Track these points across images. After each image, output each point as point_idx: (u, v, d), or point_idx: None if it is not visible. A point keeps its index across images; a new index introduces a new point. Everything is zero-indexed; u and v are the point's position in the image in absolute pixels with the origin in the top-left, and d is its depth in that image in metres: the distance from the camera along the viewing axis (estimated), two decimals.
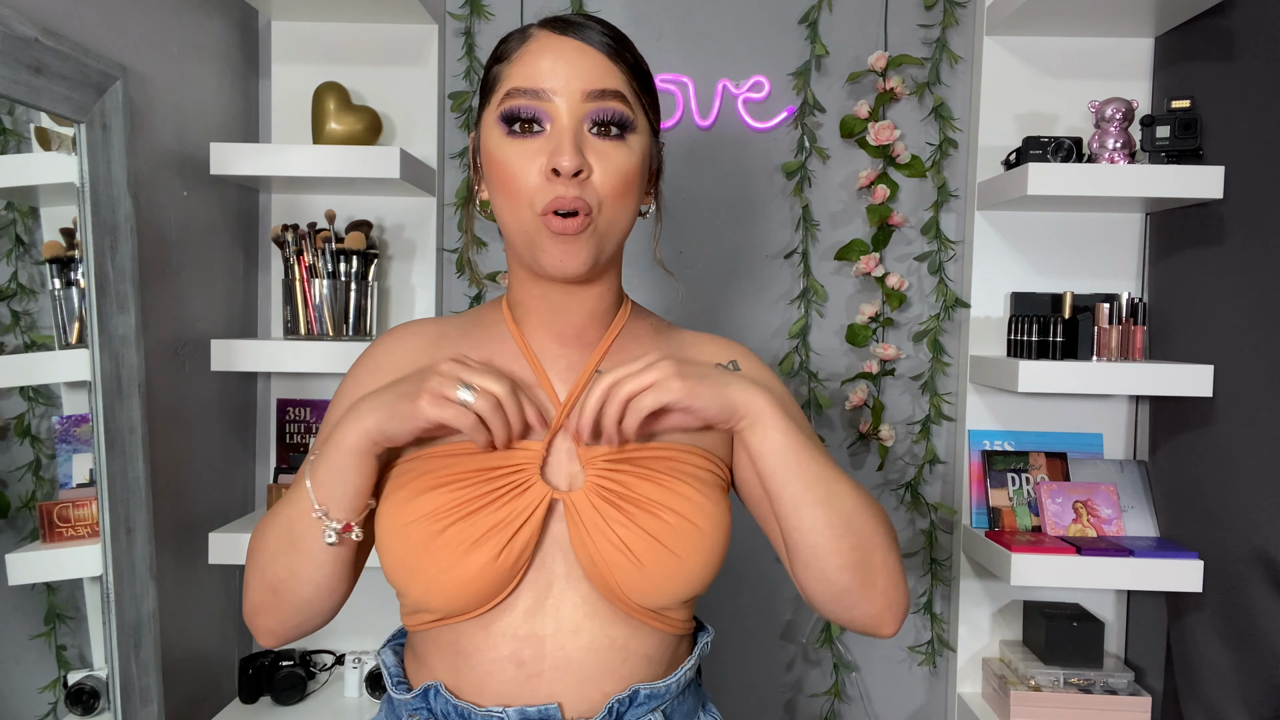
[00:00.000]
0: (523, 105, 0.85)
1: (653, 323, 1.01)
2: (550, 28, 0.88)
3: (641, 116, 0.89)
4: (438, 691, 0.89)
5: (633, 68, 0.88)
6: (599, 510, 0.85)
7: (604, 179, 0.86)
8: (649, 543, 0.84)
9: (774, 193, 1.81)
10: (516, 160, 0.85)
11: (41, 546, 1.21)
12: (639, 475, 0.86)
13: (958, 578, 1.76)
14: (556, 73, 0.85)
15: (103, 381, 1.24)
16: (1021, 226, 1.72)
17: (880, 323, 1.79)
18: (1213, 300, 1.51)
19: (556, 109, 0.85)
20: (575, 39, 0.86)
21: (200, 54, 1.55)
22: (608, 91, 0.85)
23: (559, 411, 0.90)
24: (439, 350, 0.95)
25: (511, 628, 0.86)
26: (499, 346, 0.95)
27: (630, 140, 0.87)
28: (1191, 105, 1.49)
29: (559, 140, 0.84)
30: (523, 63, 0.87)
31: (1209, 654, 1.49)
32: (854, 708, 1.84)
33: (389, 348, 0.97)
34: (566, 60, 0.85)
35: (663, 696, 0.90)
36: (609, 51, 0.87)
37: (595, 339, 0.95)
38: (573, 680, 0.86)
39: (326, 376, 1.76)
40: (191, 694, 1.57)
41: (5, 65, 1.05)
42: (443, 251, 1.81)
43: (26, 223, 1.21)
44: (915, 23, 1.78)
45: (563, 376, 0.93)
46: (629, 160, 0.87)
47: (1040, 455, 1.71)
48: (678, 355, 0.93)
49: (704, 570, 0.87)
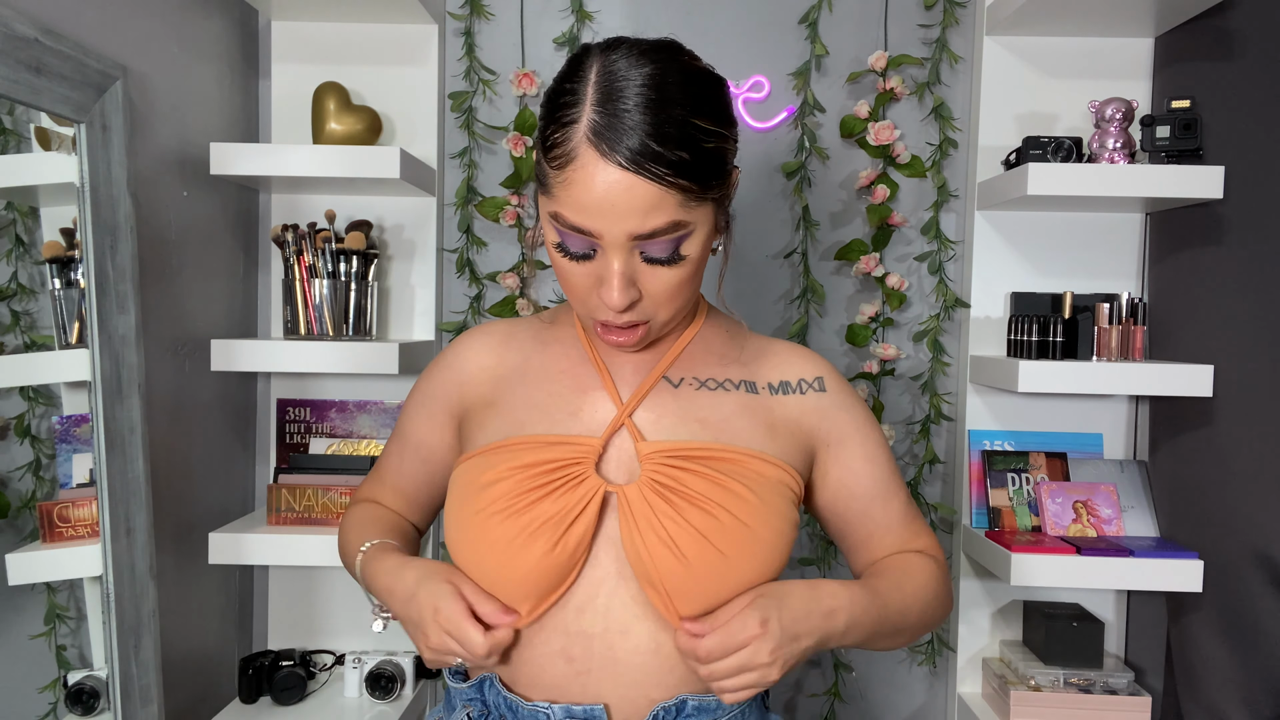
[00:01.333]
0: (570, 237, 0.83)
1: (728, 328, 1.02)
2: (595, 144, 0.78)
3: (704, 206, 0.83)
4: (492, 683, 0.90)
5: (691, 168, 0.79)
6: (650, 504, 0.85)
7: (656, 297, 0.85)
8: (695, 539, 0.84)
9: (774, 193, 1.81)
10: (570, 271, 0.86)
11: (41, 546, 1.21)
12: (696, 473, 0.87)
13: (958, 578, 1.76)
14: (603, 213, 0.79)
15: (103, 381, 1.24)
16: (1021, 226, 1.72)
17: (880, 323, 1.79)
18: (1213, 300, 1.51)
19: (605, 245, 0.82)
20: (620, 168, 0.77)
21: (200, 54, 1.55)
22: (658, 230, 0.80)
23: (619, 412, 0.91)
24: (508, 354, 0.99)
25: (563, 623, 0.87)
26: (568, 351, 0.97)
27: (687, 249, 0.83)
28: (1191, 105, 1.49)
29: (607, 274, 0.82)
30: (570, 190, 0.80)
31: (1209, 654, 1.49)
32: (853, 708, 1.84)
33: (462, 352, 1.01)
34: (612, 201, 0.78)
35: (713, 711, 0.89)
36: (659, 175, 0.78)
37: (667, 346, 0.96)
38: (620, 682, 0.87)
39: (326, 376, 1.76)
40: (191, 694, 1.57)
41: (5, 65, 1.05)
42: (443, 251, 1.81)
43: (26, 223, 1.21)
44: (915, 23, 1.78)
45: (628, 380, 0.94)
46: (684, 272, 0.85)
47: (1040, 455, 1.71)
48: (758, 395, 0.97)
49: (753, 574, 0.86)
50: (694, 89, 0.81)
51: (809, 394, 0.97)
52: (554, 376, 0.95)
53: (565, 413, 0.92)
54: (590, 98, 0.79)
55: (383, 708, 1.61)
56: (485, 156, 1.80)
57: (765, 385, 0.96)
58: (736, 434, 0.91)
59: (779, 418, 0.95)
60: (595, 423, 0.92)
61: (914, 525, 1.02)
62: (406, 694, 1.66)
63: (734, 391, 0.94)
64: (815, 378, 0.98)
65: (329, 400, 1.76)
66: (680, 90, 0.80)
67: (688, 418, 0.92)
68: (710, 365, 0.96)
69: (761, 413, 0.94)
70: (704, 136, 0.80)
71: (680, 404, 0.92)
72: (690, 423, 0.91)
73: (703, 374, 0.95)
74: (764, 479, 0.89)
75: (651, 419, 0.92)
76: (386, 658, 1.66)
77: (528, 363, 0.98)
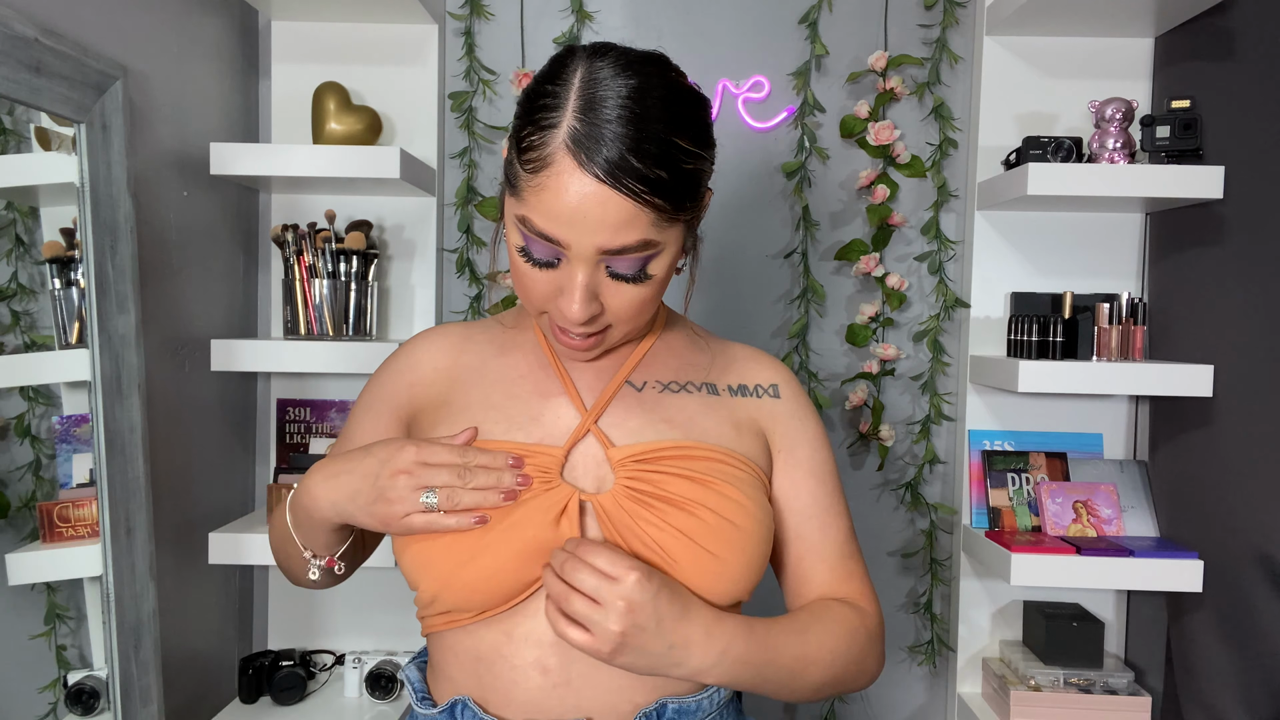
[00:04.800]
0: (536, 244, 0.80)
1: (690, 333, 1.00)
2: (573, 153, 0.76)
3: (675, 227, 0.81)
4: (465, 706, 0.86)
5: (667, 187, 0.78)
6: (628, 511, 0.83)
7: (617, 312, 0.83)
8: (684, 542, 0.82)
9: (774, 193, 1.81)
10: (529, 277, 0.83)
11: (41, 546, 1.21)
12: (673, 473, 0.85)
13: (957, 578, 1.76)
14: (574, 224, 0.77)
15: (103, 381, 1.24)
16: (1021, 226, 1.72)
17: (880, 323, 1.79)
18: (1213, 300, 1.51)
19: (571, 256, 0.79)
20: (596, 180, 0.75)
21: (200, 54, 1.55)
22: (628, 247, 0.78)
23: (583, 419, 0.89)
24: (464, 355, 0.95)
25: (535, 634, 0.84)
26: (525, 354, 0.94)
27: (653, 268, 0.82)
28: (1191, 105, 1.49)
29: (569, 285, 0.80)
30: (542, 195, 0.77)
31: (1209, 654, 1.49)
32: (854, 708, 1.84)
33: (414, 352, 0.97)
34: (584, 212, 0.76)
35: (693, 714, 0.87)
36: (634, 192, 0.76)
37: (628, 351, 0.94)
38: (601, 690, 0.84)
39: (326, 376, 1.76)
40: (191, 694, 1.57)
41: (5, 65, 1.05)
42: (443, 251, 1.81)
43: (26, 223, 1.21)
44: (915, 23, 1.78)
45: (590, 386, 0.92)
46: (647, 291, 0.83)
47: (1040, 455, 1.71)
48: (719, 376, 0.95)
49: (746, 572, 0.85)
50: (678, 108, 0.79)
51: (764, 399, 0.96)
52: (513, 380, 0.92)
53: (525, 416, 0.89)
54: (572, 104, 0.77)
55: (383, 708, 1.61)
56: (485, 156, 1.80)
57: (725, 387, 0.95)
58: (705, 432, 0.90)
59: (741, 417, 0.94)
60: (557, 429, 0.89)
61: (849, 565, 0.96)
62: (406, 694, 1.65)
63: (696, 393, 0.93)
64: (771, 384, 0.97)
65: (329, 400, 1.76)
66: (663, 108, 0.78)
67: (654, 418, 0.90)
68: (671, 368, 0.95)
69: (725, 411, 0.93)
70: (684, 157, 0.78)
71: (645, 406, 0.91)
72: (657, 423, 0.90)
73: (665, 377, 0.94)
74: (741, 474, 0.88)
75: (617, 423, 0.90)
76: (386, 658, 1.66)
77: (485, 365, 0.94)
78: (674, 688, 0.86)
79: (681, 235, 0.83)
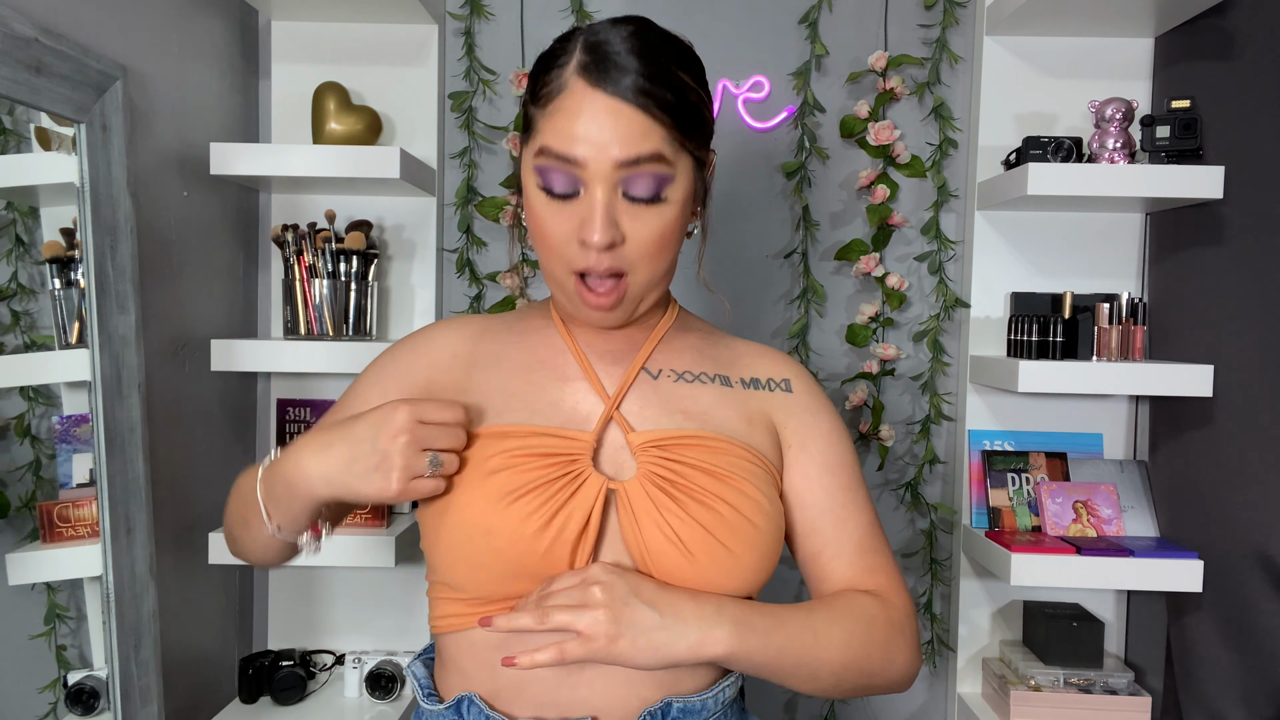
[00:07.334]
0: (555, 173, 0.83)
1: (701, 330, 1.01)
2: (585, 77, 0.81)
3: (685, 159, 0.85)
4: (471, 702, 0.86)
5: (675, 109, 0.82)
6: (652, 498, 0.84)
7: (638, 244, 0.84)
8: (702, 535, 0.83)
9: (774, 193, 1.81)
10: (551, 220, 0.84)
11: (41, 546, 1.21)
12: (693, 465, 0.86)
13: (957, 578, 1.76)
14: (589, 138, 0.80)
15: (103, 381, 1.24)
16: (1021, 226, 1.72)
17: (880, 323, 1.79)
18: (1213, 300, 1.51)
19: (589, 176, 0.82)
20: (609, 95, 0.80)
21: (200, 54, 1.55)
22: (642, 157, 0.81)
23: (607, 405, 0.90)
24: (482, 343, 0.96)
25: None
26: (545, 341, 0.95)
27: (669, 194, 0.84)
28: (1191, 105, 1.49)
29: (590, 211, 0.82)
30: (556, 119, 0.82)
31: (1209, 654, 1.49)
32: (853, 707, 1.84)
33: (434, 336, 0.98)
34: (599, 125, 0.80)
35: (698, 713, 0.87)
36: (645, 105, 0.81)
37: (642, 338, 0.95)
38: (611, 683, 0.85)
39: (326, 376, 1.76)
40: (191, 694, 1.57)
41: (5, 65, 1.05)
42: (443, 251, 1.81)
43: (26, 223, 1.21)
44: (915, 23, 1.78)
45: (607, 371, 0.93)
46: (665, 219, 0.84)
47: (1040, 455, 1.71)
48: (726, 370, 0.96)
49: (758, 569, 0.86)
50: (677, 47, 0.86)
51: (776, 393, 0.96)
52: (532, 366, 0.93)
53: (545, 402, 0.90)
54: (580, 46, 0.83)
55: (383, 708, 1.61)
56: (485, 156, 1.80)
57: (738, 380, 0.96)
58: (720, 424, 0.91)
59: (754, 410, 0.94)
60: (579, 414, 0.89)
61: (872, 559, 0.93)
62: (406, 694, 1.66)
63: (710, 384, 0.94)
64: (784, 378, 0.97)
65: (329, 400, 1.76)
66: (664, 46, 0.84)
67: (670, 408, 0.91)
68: (686, 358, 0.95)
69: (738, 404, 0.93)
70: (687, 89, 0.84)
71: (661, 395, 0.91)
72: (674, 413, 0.90)
73: (679, 366, 0.94)
74: (756, 470, 0.89)
75: (635, 410, 0.90)
76: (386, 658, 1.66)
77: (503, 352, 0.94)
78: (680, 686, 0.87)
79: (691, 174, 0.86)
